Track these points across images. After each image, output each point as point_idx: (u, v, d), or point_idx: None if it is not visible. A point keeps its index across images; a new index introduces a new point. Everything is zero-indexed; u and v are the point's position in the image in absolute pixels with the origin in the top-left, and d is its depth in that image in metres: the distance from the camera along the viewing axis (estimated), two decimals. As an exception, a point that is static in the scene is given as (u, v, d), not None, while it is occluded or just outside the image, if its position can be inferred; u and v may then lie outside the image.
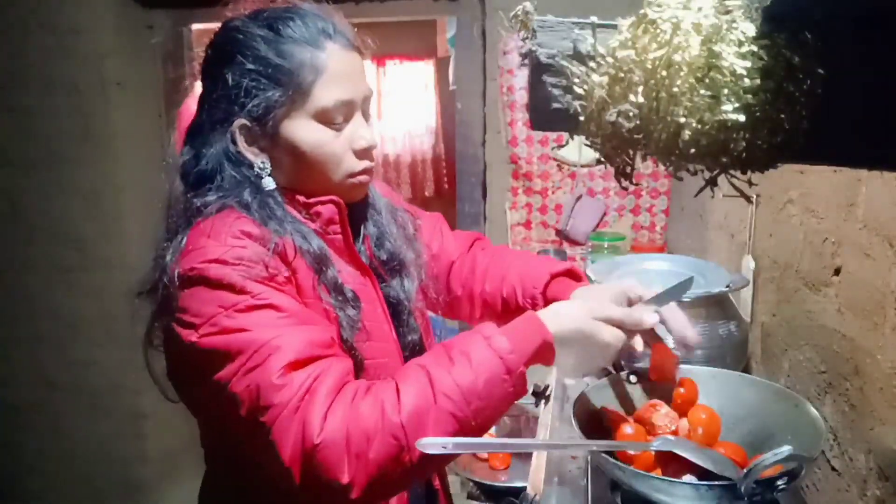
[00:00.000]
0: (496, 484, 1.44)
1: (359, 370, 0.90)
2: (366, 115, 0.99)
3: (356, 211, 1.05)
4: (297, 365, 0.78)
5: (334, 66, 0.92)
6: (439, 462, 0.84)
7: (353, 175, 0.97)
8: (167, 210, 0.94)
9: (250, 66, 0.90)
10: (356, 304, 0.93)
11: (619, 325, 0.88)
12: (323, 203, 0.95)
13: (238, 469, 0.92)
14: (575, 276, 1.10)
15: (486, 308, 1.16)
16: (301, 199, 0.95)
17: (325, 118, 0.93)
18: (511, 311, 1.09)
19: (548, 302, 1.05)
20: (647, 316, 0.91)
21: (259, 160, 0.93)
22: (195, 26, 2.70)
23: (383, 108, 4.62)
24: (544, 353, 0.83)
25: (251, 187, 0.92)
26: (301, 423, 0.75)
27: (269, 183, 0.93)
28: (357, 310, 0.92)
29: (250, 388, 0.77)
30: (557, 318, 0.86)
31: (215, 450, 1.00)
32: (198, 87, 1.00)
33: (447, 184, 4.71)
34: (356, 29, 1.00)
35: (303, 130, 0.92)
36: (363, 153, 0.97)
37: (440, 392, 0.77)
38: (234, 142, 0.92)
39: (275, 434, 0.76)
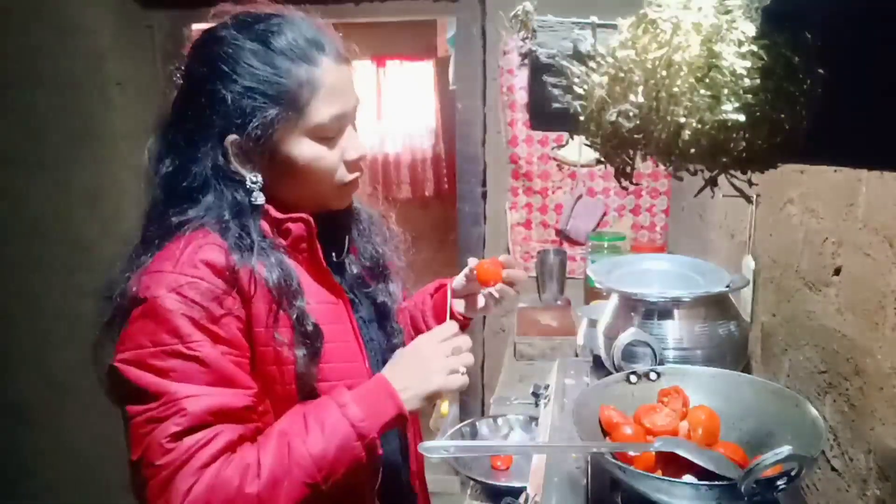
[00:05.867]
0: (496, 484, 1.44)
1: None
2: (353, 125, 0.98)
3: (339, 219, 1.05)
4: (189, 431, 0.81)
5: (329, 82, 0.91)
6: None
7: (342, 185, 0.97)
8: (146, 220, 0.94)
9: (246, 84, 0.88)
10: (317, 339, 0.92)
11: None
12: (293, 221, 0.94)
13: None
14: None
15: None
16: (273, 214, 0.94)
17: (319, 134, 0.92)
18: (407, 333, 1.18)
19: (434, 300, 1.23)
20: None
21: (251, 176, 0.91)
22: (195, 26, 2.70)
23: (383, 108, 4.62)
24: (399, 422, 0.91)
25: (233, 206, 0.90)
26: (169, 491, 0.79)
27: (258, 198, 0.92)
28: (316, 347, 0.92)
29: (145, 437, 0.80)
30: (398, 367, 0.95)
31: None
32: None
33: (447, 184, 4.71)
34: (344, 31, 0.99)
35: (298, 146, 0.92)
36: (354, 164, 0.97)
37: (294, 462, 0.82)
38: (225, 157, 0.90)
39: (148, 492, 0.80)
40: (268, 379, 0.90)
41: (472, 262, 1.16)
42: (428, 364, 0.94)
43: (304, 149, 0.92)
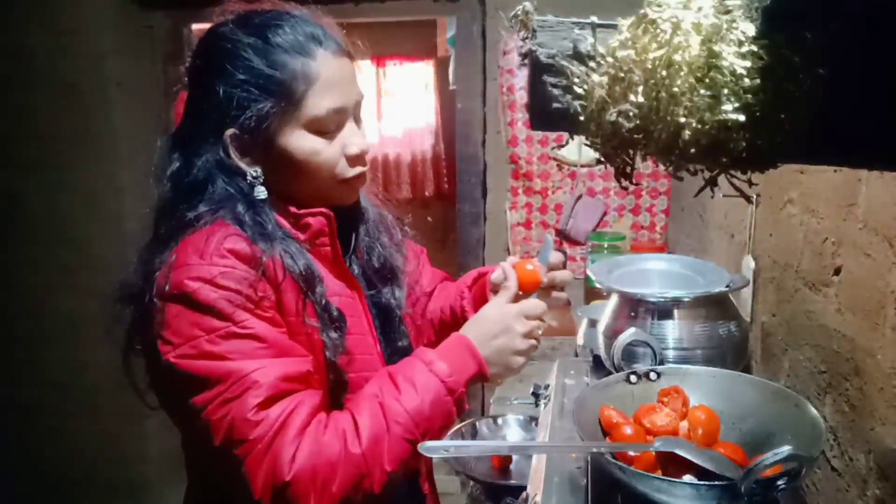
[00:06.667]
0: (496, 483, 1.44)
1: (342, 389, 0.92)
2: (357, 120, 0.98)
3: (347, 220, 1.05)
4: (271, 400, 0.81)
5: (326, 75, 0.91)
6: (398, 480, 0.88)
7: (345, 181, 0.97)
8: (157, 218, 0.94)
9: (241, 77, 0.89)
10: (341, 324, 0.93)
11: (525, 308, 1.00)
12: (313, 215, 0.95)
13: (217, 482, 0.90)
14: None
15: (433, 328, 1.22)
16: (292, 209, 0.94)
17: (317, 127, 0.92)
18: (447, 324, 1.17)
19: (472, 293, 1.19)
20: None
21: (251, 170, 0.92)
22: (195, 26, 2.70)
23: (383, 108, 4.62)
24: (481, 379, 0.94)
25: (243, 199, 0.91)
26: (272, 461, 0.79)
27: (261, 192, 0.92)
28: (342, 331, 0.93)
29: (226, 420, 0.80)
30: (480, 330, 0.96)
31: (196, 458, 0.99)
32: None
33: (447, 184, 4.70)
34: (345, 31, 0.99)
35: (296, 140, 0.92)
36: (356, 159, 0.97)
37: (392, 420, 0.84)
38: (226, 151, 0.91)
39: (247, 467, 0.79)
40: None
41: (512, 261, 1.10)
42: (515, 343, 0.97)
43: (301, 142, 0.92)
